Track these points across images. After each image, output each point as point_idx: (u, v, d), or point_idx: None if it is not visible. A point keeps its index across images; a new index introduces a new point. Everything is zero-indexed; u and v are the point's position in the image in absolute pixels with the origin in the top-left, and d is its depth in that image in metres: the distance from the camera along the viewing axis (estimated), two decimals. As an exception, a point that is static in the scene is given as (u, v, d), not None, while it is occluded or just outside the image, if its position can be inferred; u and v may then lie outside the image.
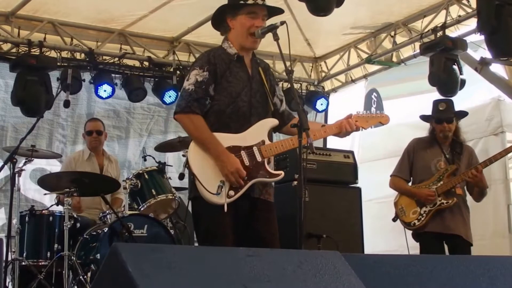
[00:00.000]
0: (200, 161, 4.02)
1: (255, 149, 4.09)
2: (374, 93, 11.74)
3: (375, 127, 10.62)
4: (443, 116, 6.20)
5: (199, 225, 4.17)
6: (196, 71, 4.11)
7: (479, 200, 6.30)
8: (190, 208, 4.33)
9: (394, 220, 6.34)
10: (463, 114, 6.40)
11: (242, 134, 4.11)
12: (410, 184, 6.37)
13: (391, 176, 6.42)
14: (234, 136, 4.10)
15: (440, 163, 6.18)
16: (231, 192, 3.97)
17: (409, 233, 6.34)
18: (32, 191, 7.70)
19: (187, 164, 4.07)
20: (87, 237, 5.96)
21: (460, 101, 6.57)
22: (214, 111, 4.11)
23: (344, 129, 4.24)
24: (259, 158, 4.08)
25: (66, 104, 6.10)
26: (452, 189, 6.05)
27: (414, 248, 7.13)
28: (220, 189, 3.93)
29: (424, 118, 6.44)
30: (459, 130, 6.32)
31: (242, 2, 4.16)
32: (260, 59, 4.43)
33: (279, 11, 4.31)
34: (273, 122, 4.24)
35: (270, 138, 4.20)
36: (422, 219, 6.07)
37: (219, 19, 4.33)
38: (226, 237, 4.00)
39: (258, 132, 4.14)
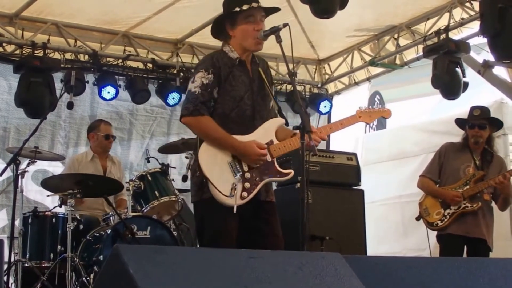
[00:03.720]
0: (210, 164, 4.03)
1: None
2: (377, 96, 11.76)
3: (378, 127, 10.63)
4: (476, 122, 6.23)
5: (205, 228, 4.13)
6: (201, 74, 4.11)
7: (504, 209, 6.35)
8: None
9: (417, 219, 6.42)
10: (497, 123, 6.44)
11: (250, 135, 4.13)
12: (437, 186, 6.39)
13: (420, 176, 6.47)
14: (243, 138, 4.11)
15: (469, 169, 6.21)
16: (244, 194, 4.01)
17: (432, 234, 6.37)
18: (33, 192, 7.66)
19: (198, 168, 4.05)
20: (90, 238, 5.96)
21: (462, 104, 6.55)
22: (217, 114, 4.12)
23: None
24: (268, 158, 4.12)
25: (70, 105, 6.09)
26: (478, 194, 6.10)
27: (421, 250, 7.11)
28: (234, 191, 3.96)
29: (458, 122, 6.46)
30: (493, 139, 6.38)
31: (237, 9, 4.14)
32: (258, 57, 4.41)
33: (275, 10, 4.29)
34: (279, 121, 4.27)
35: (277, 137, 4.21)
36: (445, 220, 6.14)
37: (219, 29, 4.32)
38: (232, 239, 4.03)
39: (266, 132, 4.17)
